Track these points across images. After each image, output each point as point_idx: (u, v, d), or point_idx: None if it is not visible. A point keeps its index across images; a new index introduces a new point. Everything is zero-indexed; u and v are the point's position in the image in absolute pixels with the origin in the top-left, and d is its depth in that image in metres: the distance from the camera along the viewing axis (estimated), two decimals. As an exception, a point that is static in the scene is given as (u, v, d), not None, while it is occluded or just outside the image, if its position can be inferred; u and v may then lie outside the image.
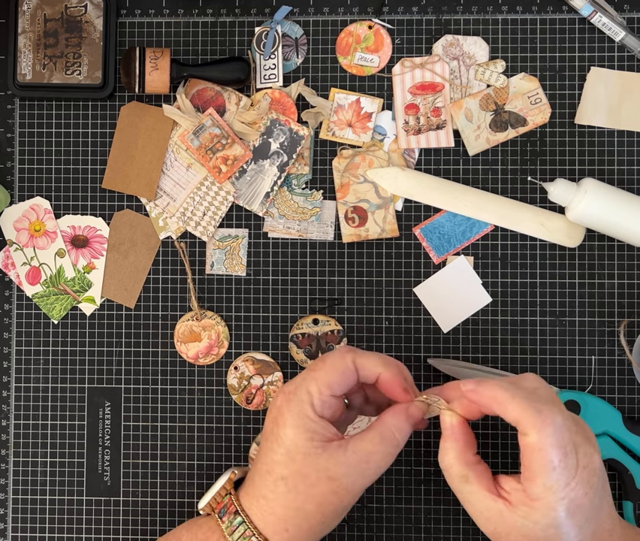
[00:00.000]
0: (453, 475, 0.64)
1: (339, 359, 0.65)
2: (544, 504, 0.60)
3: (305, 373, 0.65)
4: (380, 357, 0.66)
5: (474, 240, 0.76)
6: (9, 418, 0.77)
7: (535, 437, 0.59)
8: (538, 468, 0.60)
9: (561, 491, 0.60)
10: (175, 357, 0.77)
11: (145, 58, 0.75)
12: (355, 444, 0.64)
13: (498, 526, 0.62)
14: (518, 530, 0.61)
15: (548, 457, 0.59)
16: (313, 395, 0.63)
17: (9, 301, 0.78)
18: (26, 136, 0.78)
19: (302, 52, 0.78)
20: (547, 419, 0.59)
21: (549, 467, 0.59)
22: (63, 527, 0.77)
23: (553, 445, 0.59)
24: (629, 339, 0.75)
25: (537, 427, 0.59)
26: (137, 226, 0.78)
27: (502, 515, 0.62)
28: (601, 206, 0.72)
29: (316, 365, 0.65)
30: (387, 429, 0.65)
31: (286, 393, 0.65)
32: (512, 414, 0.60)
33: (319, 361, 0.65)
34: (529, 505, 0.60)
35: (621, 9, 0.77)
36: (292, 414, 0.63)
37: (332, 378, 0.64)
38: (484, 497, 0.62)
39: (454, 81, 0.77)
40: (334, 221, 0.77)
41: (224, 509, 0.66)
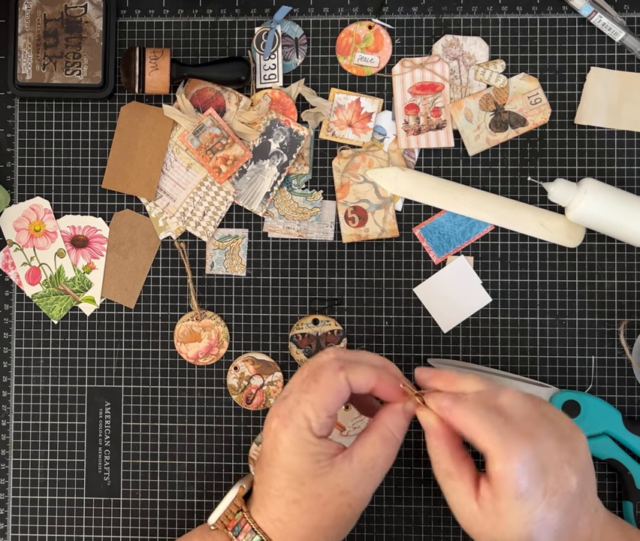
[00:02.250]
0: (438, 470, 0.64)
1: (332, 379, 0.63)
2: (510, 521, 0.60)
3: (298, 394, 0.63)
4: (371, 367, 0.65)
5: (474, 240, 0.76)
6: (9, 418, 0.77)
7: (500, 467, 0.59)
8: (503, 493, 0.60)
9: (525, 516, 0.60)
10: (175, 357, 0.77)
11: (145, 58, 0.75)
12: (359, 452, 0.64)
13: (473, 526, 0.63)
14: (488, 536, 0.62)
15: (512, 486, 0.59)
16: (311, 420, 0.63)
17: (9, 301, 0.78)
18: (26, 136, 0.78)
19: (302, 53, 0.78)
20: (515, 454, 0.59)
21: (512, 496, 0.59)
22: (63, 527, 0.77)
23: (517, 479, 0.59)
24: (629, 339, 0.75)
25: (502, 459, 0.59)
26: (137, 226, 0.78)
27: (476, 518, 0.62)
28: (601, 206, 0.72)
29: (309, 386, 0.63)
30: (386, 430, 0.65)
31: (281, 417, 0.63)
32: (481, 444, 0.61)
33: (311, 380, 0.63)
34: (497, 518, 0.61)
35: (621, 9, 0.77)
36: (292, 441, 0.63)
37: (327, 400, 0.63)
38: (463, 496, 0.62)
39: (454, 81, 0.77)
40: (334, 221, 0.77)
41: (238, 526, 0.66)
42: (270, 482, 0.64)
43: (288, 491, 0.63)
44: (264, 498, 0.65)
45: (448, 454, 0.63)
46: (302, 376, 0.64)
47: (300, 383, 0.64)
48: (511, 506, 0.60)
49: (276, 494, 0.64)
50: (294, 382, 0.65)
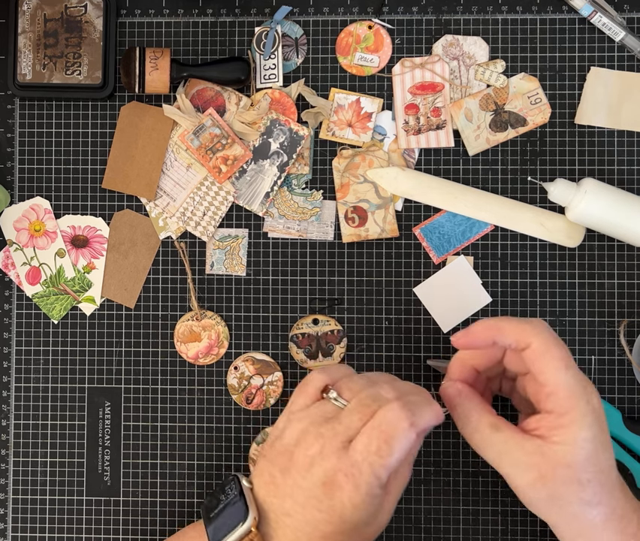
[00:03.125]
0: (482, 430, 0.63)
1: (405, 443, 0.60)
2: (574, 414, 0.60)
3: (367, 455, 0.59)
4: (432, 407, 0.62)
5: (474, 240, 0.76)
6: (9, 418, 0.77)
7: (538, 342, 0.61)
8: (553, 373, 0.60)
9: (583, 394, 0.60)
10: (175, 357, 0.77)
11: (145, 58, 0.75)
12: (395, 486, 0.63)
13: (541, 467, 0.61)
14: (561, 461, 0.60)
15: (558, 355, 0.60)
16: (382, 480, 0.60)
17: (9, 301, 0.78)
18: (26, 136, 0.78)
19: (302, 52, 0.78)
20: (541, 325, 0.62)
21: (562, 368, 0.60)
22: (63, 527, 0.77)
23: (558, 345, 0.61)
24: (629, 339, 0.75)
25: (536, 333, 0.61)
26: (137, 226, 0.78)
27: (542, 453, 0.60)
28: (601, 206, 0.72)
29: (381, 450, 0.59)
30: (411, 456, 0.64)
31: (349, 475, 0.59)
32: (510, 333, 0.62)
33: (383, 442, 0.59)
34: (560, 423, 0.60)
35: (621, 9, 0.77)
36: (363, 500, 0.60)
37: (400, 460, 0.61)
38: (520, 439, 0.61)
39: (454, 81, 0.77)
40: (334, 221, 0.77)
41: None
42: (313, 524, 0.60)
43: (339, 536, 0.61)
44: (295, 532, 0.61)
45: (486, 409, 0.63)
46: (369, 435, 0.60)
47: (367, 442, 0.60)
48: (567, 383, 0.60)
49: (319, 536, 0.61)
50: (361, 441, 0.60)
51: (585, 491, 0.60)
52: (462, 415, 0.65)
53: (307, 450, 0.61)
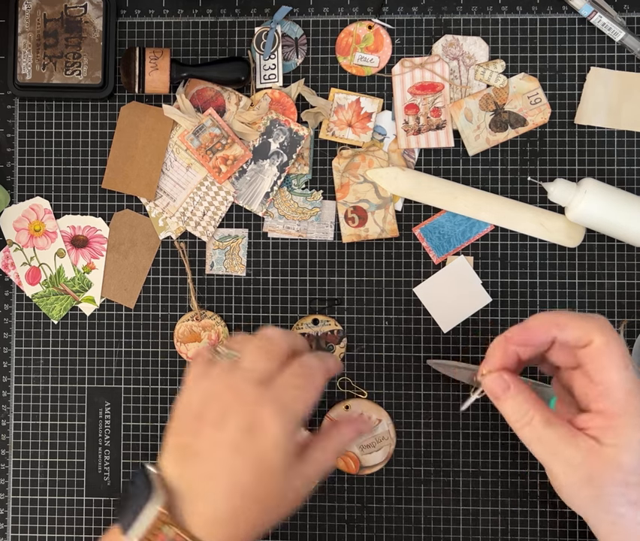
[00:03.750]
0: (535, 423, 0.61)
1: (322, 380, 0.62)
2: (632, 414, 0.59)
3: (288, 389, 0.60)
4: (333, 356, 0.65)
5: (474, 240, 0.76)
6: (9, 418, 0.77)
7: (600, 339, 0.59)
8: (612, 372, 0.59)
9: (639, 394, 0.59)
10: (175, 357, 0.77)
11: (145, 58, 0.75)
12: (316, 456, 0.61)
13: (592, 467, 0.60)
14: (612, 463, 0.59)
15: (618, 353, 0.59)
16: (300, 416, 0.60)
17: (9, 301, 0.78)
18: (26, 136, 0.78)
19: (302, 52, 0.78)
20: (603, 323, 0.60)
21: (622, 365, 0.59)
22: (63, 527, 0.77)
23: (617, 342, 0.59)
24: (629, 339, 0.75)
25: (599, 330, 0.59)
26: (137, 226, 0.78)
27: (594, 453, 0.59)
28: (601, 206, 0.72)
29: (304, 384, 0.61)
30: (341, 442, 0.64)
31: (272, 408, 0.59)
32: (572, 330, 0.60)
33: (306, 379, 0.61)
34: (616, 424, 0.59)
35: (621, 9, 0.77)
36: (285, 435, 0.58)
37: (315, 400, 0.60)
38: (573, 437, 0.60)
39: (453, 81, 0.77)
40: (334, 221, 0.77)
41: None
42: (234, 477, 0.58)
43: (257, 487, 0.58)
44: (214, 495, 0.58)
45: (539, 403, 0.62)
46: (291, 372, 0.61)
47: (289, 379, 0.60)
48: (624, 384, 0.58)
49: (239, 491, 0.58)
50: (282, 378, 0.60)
51: (632, 492, 0.59)
52: (514, 409, 0.62)
53: (219, 402, 0.60)
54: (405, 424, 0.76)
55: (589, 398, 0.61)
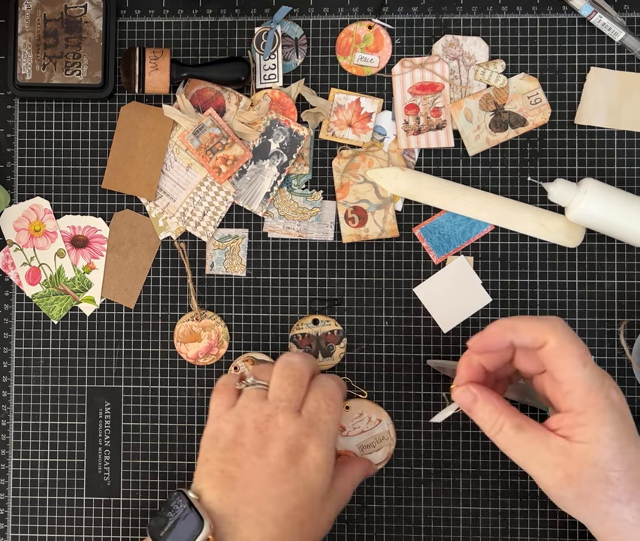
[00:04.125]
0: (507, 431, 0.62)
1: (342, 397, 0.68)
2: (593, 410, 0.59)
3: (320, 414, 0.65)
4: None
5: (474, 240, 0.76)
6: (9, 418, 0.77)
7: (554, 340, 0.60)
8: (570, 371, 0.60)
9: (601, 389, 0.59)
10: (175, 357, 0.77)
11: (145, 58, 0.75)
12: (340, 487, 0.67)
13: (567, 467, 0.60)
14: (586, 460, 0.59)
15: (575, 352, 0.60)
16: (335, 439, 0.66)
17: (9, 301, 0.78)
18: (26, 136, 0.78)
19: (302, 53, 0.78)
20: (557, 322, 0.61)
21: (580, 364, 0.59)
22: (63, 527, 0.77)
23: (572, 341, 0.60)
24: (629, 339, 0.75)
25: (552, 331, 0.60)
26: (137, 226, 0.78)
27: (567, 452, 0.60)
28: (601, 206, 0.72)
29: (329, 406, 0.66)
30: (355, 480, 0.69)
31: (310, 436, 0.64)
32: (527, 332, 0.61)
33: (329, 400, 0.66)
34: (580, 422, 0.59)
35: (621, 9, 0.77)
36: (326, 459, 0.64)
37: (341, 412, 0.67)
38: (545, 439, 0.61)
39: (453, 81, 0.77)
40: (334, 221, 0.77)
41: None
42: (277, 501, 0.62)
43: (301, 511, 0.62)
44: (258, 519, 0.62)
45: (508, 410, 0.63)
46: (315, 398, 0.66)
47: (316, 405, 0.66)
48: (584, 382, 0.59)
49: (283, 515, 0.62)
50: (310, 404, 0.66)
51: (615, 488, 0.59)
52: (484, 419, 0.64)
53: (258, 430, 0.64)
54: (405, 424, 0.76)
55: (557, 399, 0.62)
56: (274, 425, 0.64)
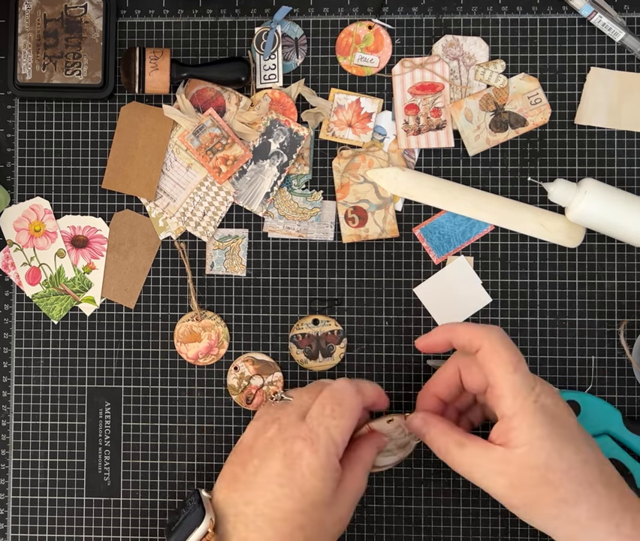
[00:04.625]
0: (451, 449, 0.64)
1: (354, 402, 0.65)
2: (522, 414, 0.60)
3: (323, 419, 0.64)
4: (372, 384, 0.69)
5: (474, 240, 0.76)
6: (9, 418, 0.78)
7: (488, 344, 0.62)
8: (501, 375, 0.61)
9: (530, 394, 0.61)
10: (175, 357, 0.77)
11: (145, 58, 0.75)
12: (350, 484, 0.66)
13: (509, 474, 0.61)
14: (524, 464, 0.60)
15: (506, 358, 0.61)
16: (338, 445, 0.64)
17: (9, 301, 0.78)
18: (26, 136, 0.78)
19: (302, 53, 0.78)
20: (493, 328, 0.64)
21: (510, 369, 0.61)
22: (63, 527, 0.77)
23: (506, 347, 0.62)
24: (629, 339, 0.75)
25: (487, 335, 0.63)
26: (137, 226, 0.78)
27: (506, 459, 0.61)
28: (601, 206, 0.72)
29: (334, 411, 0.64)
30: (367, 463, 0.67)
31: (308, 440, 0.63)
32: (463, 334, 0.64)
33: (335, 404, 0.65)
34: (513, 427, 0.61)
35: (621, 9, 0.77)
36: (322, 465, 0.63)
37: (352, 423, 0.65)
38: (485, 450, 0.62)
39: (454, 81, 0.77)
40: (334, 221, 0.77)
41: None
42: (273, 504, 0.62)
43: (299, 515, 0.62)
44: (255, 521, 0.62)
45: (451, 429, 0.65)
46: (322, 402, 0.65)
47: (321, 409, 0.64)
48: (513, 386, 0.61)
49: (279, 517, 0.62)
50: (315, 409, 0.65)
51: (558, 490, 0.60)
52: (432, 443, 0.66)
53: (265, 434, 0.65)
54: (405, 424, 0.76)
55: (494, 405, 0.63)
56: (277, 428, 0.65)
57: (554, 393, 0.63)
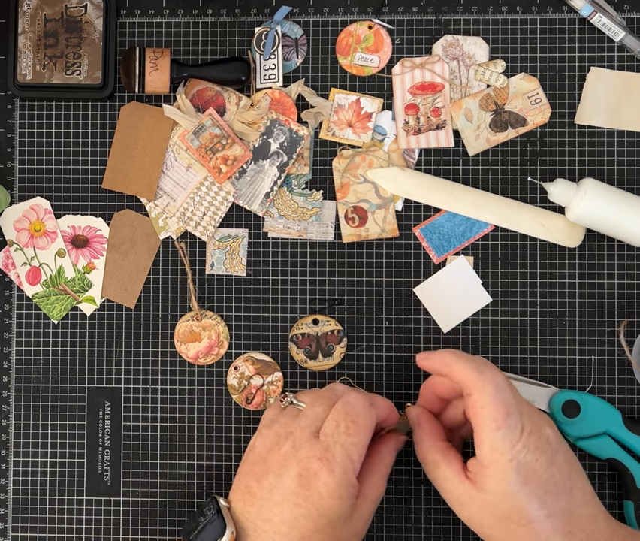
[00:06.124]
0: (427, 463, 0.66)
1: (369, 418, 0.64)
2: (494, 468, 0.61)
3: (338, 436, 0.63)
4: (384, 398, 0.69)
5: (474, 240, 0.76)
6: (9, 418, 0.78)
7: (477, 396, 0.62)
8: (483, 427, 0.61)
9: (508, 453, 0.61)
10: (175, 357, 0.77)
11: (145, 58, 0.75)
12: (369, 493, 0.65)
13: (471, 510, 0.63)
14: (486, 508, 0.62)
15: (491, 415, 0.61)
16: (355, 462, 0.63)
17: (9, 301, 0.78)
18: (26, 136, 0.78)
19: (302, 53, 0.78)
20: (489, 379, 0.62)
21: (493, 426, 0.61)
22: (63, 527, 0.77)
23: (494, 404, 0.61)
24: (629, 339, 0.75)
25: (479, 386, 0.62)
26: (137, 226, 0.78)
27: (470, 497, 0.63)
28: (601, 206, 0.72)
29: (348, 428, 0.63)
30: (385, 468, 0.67)
31: (324, 460, 0.62)
32: (457, 375, 0.64)
33: (350, 421, 0.63)
34: (483, 473, 0.62)
35: (621, 9, 0.77)
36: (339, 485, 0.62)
37: (367, 439, 0.64)
38: (453, 480, 0.63)
39: (454, 81, 0.77)
40: (334, 221, 0.77)
41: None
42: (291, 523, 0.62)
43: (316, 534, 0.62)
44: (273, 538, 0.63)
45: (432, 445, 0.65)
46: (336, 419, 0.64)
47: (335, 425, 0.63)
48: (492, 442, 0.61)
49: (297, 536, 0.62)
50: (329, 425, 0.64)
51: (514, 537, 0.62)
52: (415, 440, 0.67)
53: (279, 450, 0.64)
54: (405, 424, 0.76)
55: (475, 444, 0.64)
56: (291, 444, 0.64)
57: (542, 442, 0.62)
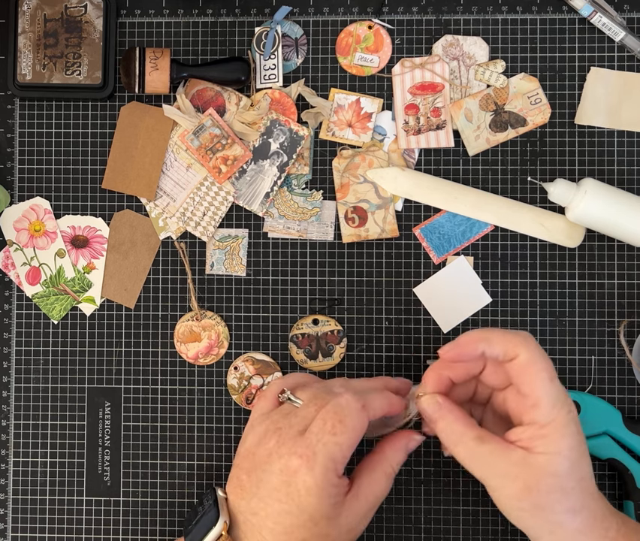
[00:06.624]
0: (467, 442, 0.63)
1: (357, 420, 0.63)
2: (556, 424, 0.61)
3: (322, 435, 0.62)
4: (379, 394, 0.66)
5: (474, 240, 0.76)
6: (9, 418, 0.78)
7: (526, 353, 0.62)
8: (537, 383, 0.61)
9: (566, 405, 0.61)
10: (175, 357, 0.77)
11: (145, 58, 0.75)
12: (365, 491, 0.64)
13: (527, 478, 0.61)
14: (545, 470, 0.61)
15: (544, 367, 0.61)
16: (337, 462, 0.62)
17: (9, 301, 0.78)
18: (26, 136, 0.78)
19: (302, 53, 0.78)
20: (529, 338, 0.63)
21: (547, 379, 0.61)
22: (63, 527, 0.77)
23: (544, 358, 0.62)
24: (629, 339, 0.75)
25: (524, 344, 0.62)
26: (137, 226, 0.78)
27: (527, 463, 0.61)
28: (601, 206, 0.72)
29: (335, 427, 0.62)
30: (390, 467, 0.66)
31: (304, 457, 0.62)
32: (499, 344, 0.63)
33: (337, 421, 0.62)
34: (543, 434, 0.61)
35: (621, 9, 0.77)
36: (318, 483, 0.61)
37: (354, 441, 0.63)
38: (505, 450, 0.62)
39: (454, 81, 0.77)
40: (334, 221, 0.77)
41: None
42: (276, 518, 0.62)
43: (299, 530, 0.62)
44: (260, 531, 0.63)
45: (469, 421, 0.64)
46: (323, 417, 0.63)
47: (322, 424, 0.63)
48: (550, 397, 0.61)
49: (281, 531, 0.62)
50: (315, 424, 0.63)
51: (569, 499, 0.61)
52: (446, 429, 0.64)
53: (266, 445, 0.64)
54: (405, 424, 0.76)
55: (521, 412, 0.63)
56: (276, 440, 0.64)
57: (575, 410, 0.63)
